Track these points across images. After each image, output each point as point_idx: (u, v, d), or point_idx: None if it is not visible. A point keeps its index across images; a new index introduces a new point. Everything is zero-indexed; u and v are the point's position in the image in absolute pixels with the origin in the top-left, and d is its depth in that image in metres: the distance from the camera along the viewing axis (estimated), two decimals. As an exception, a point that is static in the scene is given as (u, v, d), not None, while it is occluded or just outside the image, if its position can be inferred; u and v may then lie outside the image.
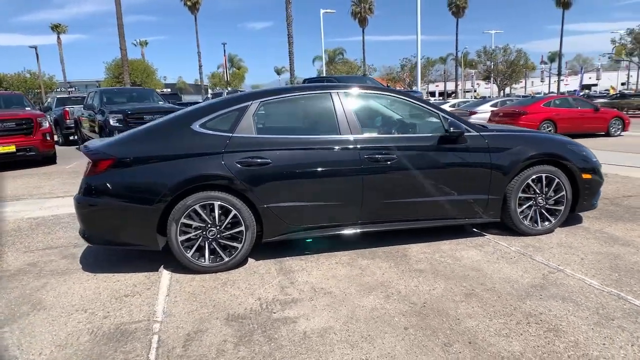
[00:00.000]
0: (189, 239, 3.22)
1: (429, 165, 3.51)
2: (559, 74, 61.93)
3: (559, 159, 3.72)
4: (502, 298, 2.69)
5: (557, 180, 3.72)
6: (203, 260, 3.26)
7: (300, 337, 2.35)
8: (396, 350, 2.19)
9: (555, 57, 72.96)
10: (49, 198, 6.27)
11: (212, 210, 3.21)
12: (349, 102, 3.52)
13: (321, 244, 3.73)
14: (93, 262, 3.64)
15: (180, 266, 3.34)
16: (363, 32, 60.00)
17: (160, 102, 11.42)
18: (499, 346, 2.18)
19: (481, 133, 3.64)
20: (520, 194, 3.68)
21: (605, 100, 25.94)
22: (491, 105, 16.33)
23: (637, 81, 50.83)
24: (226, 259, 3.28)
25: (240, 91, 20.34)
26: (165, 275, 3.30)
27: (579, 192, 3.80)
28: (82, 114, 11.83)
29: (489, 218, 3.71)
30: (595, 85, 62.62)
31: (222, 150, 3.24)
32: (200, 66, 53.01)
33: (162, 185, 3.13)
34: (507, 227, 3.85)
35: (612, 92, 47.56)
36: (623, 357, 2.06)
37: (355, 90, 3.64)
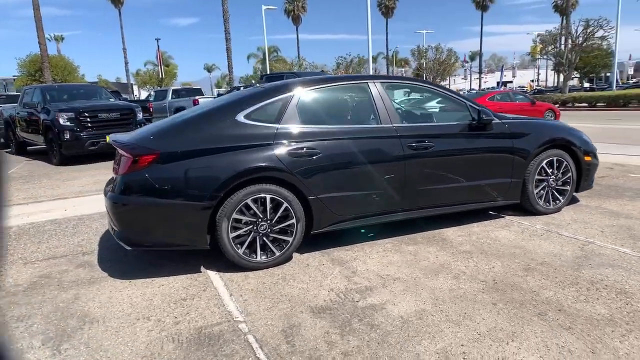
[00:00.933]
0: (239, 235, 3.07)
1: (462, 151, 3.67)
2: (480, 72, 66.99)
3: (567, 144, 4.07)
4: (559, 270, 2.91)
5: (565, 162, 4.08)
6: (255, 257, 3.12)
7: (401, 321, 2.36)
8: (499, 324, 2.28)
9: (475, 56, 78.78)
10: (10, 206, 5.58)
11: (263, 203, 3.09)
12: (385, 91, 3.57)
13: (355, 234, 3.74)
14: (118, 269, 3.33)
15: (224, 265, 3.19)
16: (297, 30, 60.21)
17: (111, 100, 10.58)
18: (587, 311, 2.37)
19: (502, 120, 3.87)
20: (536, 177, 3.98)
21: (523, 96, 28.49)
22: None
23: (546, 78, 56.55)
24: (277, 254, 3.17)
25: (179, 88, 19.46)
26: (212, 275, 3.12)
27: (582, 173, 4.19)
28: (18, 113, 10.61)
29: (509, 200, 3.96)
30: (511, 82, 68.51)
31: (272, 141, 3.13)
32: (126, 63, 49.88)
33: (214, 180, 2.95)
34: (518, 208, 4.14)
35: (529, 88, 52.22)
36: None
37: (389, 80, 3.70)
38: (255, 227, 3.10)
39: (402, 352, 2.09)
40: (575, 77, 42.97)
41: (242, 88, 18.04)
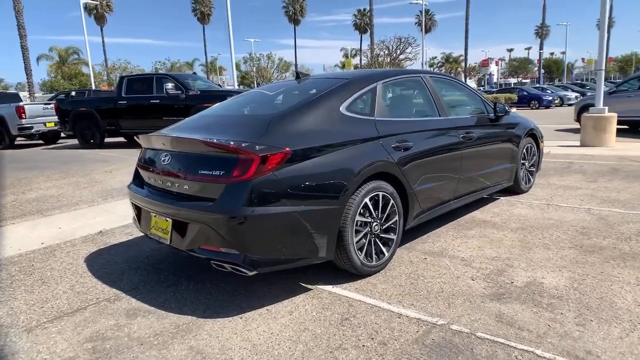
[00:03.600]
0: (358, 240, 2.77)
1: (490, 140, 4.08)
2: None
3: (535, 133, 4.93)
4: (608, 228, 3.55)
5: (534, 148, 4.93)
6: (370, 261, 2.86)
7: (571, 289, 2.56)
8: (626, 272, 2.71)
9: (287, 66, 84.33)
10: None
11: (377, 202, 2.87)
12: (435, 85, 3.71)
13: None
14: (204, 307, 2.60)
15: (321, 277, 2.85)
16: (102, 30, 53.85)
17: None
18: (667, 255, 3.01)
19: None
20: (521, 161, 4.71)
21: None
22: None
23: None
24: (387, 255, 2.98)
25: None
26: (331, 289, 2.73)
27: (540, 156, 5.13)
28: None
29: (508, 183, 4.57)
30: None
31: (377, 134, 2.92)
32: None
33: (343, 179, 2.61)
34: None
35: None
36: None
37: (435, 75, 3.84)
38: (369, 229, 2.85)
39: (602, 303, 2.29)
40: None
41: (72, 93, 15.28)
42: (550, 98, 25.64)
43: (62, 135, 15.29)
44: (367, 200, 2.77)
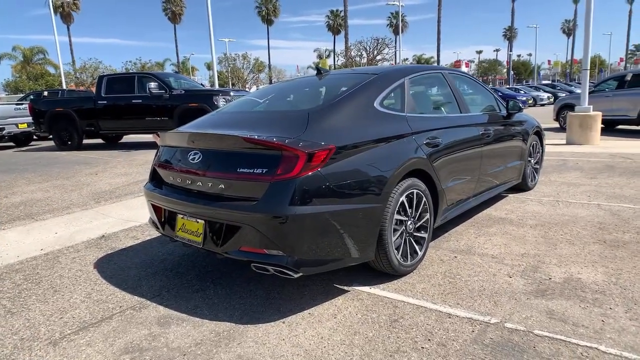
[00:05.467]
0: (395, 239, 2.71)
1: (504, 138, 4.09)
2: (270, 82, 71.75)
3: (540, 130, 5.00)
4: (625, 223, 3.61)
5: (539, 145, 5.00)
6: (405, 260, 2.80)
7: (620, 290, 2.57)
8: (666, 269, 2.75)
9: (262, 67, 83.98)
10: None
11: (411, 200, 2.81)
12: (455, 81, 3.68)
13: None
14: (242, 313, 2.47)
15: (357, 276, 2.79)
16: (69, 29, 52.00)
17: None
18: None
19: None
20: (528, 159, 4.76)
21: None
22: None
23: None
24: (420, 254, 2.92)
25: None
26: (369, 290, 2.65)
27: (543, 153, 5.21)
28: None
29: (516, 181, 4.61)
30: None
31: (409, 130, 2.86)
32: None
33: (383, 176, 2.54)
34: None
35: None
36: None
37: (453, 71, 3.82)
38: (405, 228, 2.79)
39: (657, 307, 2.31)
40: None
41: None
42: (524, 98, 26.39)
43: (35, 137, 14.63)
44: (403, 198, 2.70)
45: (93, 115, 11.22)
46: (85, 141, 12.01)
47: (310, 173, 2.23)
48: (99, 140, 12.91)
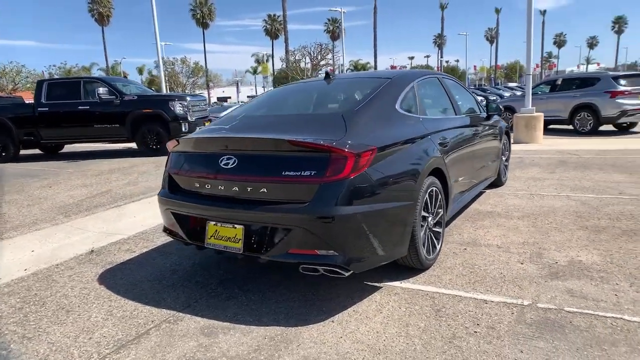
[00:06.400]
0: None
1: (487, 137, 4.42)
2: (208, 87, 69.99)
3: (508, 130, 5.44)
4: (596, 211, 4.05)
5: (507, 144, 5.44)
6: (428, 254, 2.95)
7: (618, 268, 2.90)
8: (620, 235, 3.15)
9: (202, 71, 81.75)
10: None
11: (431, 197, 2.97)
12: (448, 85, 3.93)
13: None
14: (275, 317, 2.47)
15: (381, 272, 2.89)
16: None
17: None
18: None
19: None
20: (501, 156, 5.17)
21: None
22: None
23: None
24: (438, 248, 3.10)
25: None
26: (400, 284, 2.77)
27: (510, 150, 5.67)
28: None
29: (494, 177, 4.97)
30: (230, 97, 72.92)
31: (426, 132, 3.03)
32: None
33: (415, 175, 2.68)
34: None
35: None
36: None
37: (445, 76, 4.06)
38: (427, 224, 2.94)
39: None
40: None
41: None
42: (459, 102, 28.10)
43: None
44: (426, 195, 2.86)
45: (32, 124, 10.34)
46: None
47: (358, 173, 2.30)
48: (36, 151, 11.88)
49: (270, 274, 3.05)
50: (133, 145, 11.10)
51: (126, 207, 5.38)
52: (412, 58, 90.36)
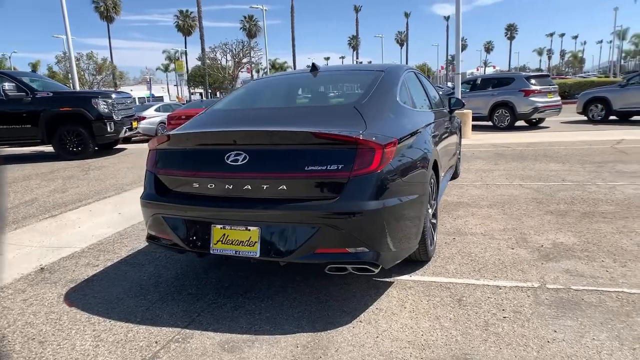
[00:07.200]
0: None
1: (452, 131, 4.59)
2: (115, 85, 65.01)
3: (461, 125, 5.73)
4: (551, 197, 4.41)
5: (460, 138, 5.73)
6: (431, 246, 2.97)
7: (596, 247, 3.16)
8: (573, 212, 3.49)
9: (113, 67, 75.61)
10: None
11: (431, 188, 2.99)
12: (422, 79, 4.00)
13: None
14: (298, 323, 2.31)
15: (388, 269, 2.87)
16: None
17: None
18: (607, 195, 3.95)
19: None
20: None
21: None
22: (155, 110, 16.15)
23: (180, 92, 60.89)
24: (435, 239, 3.14)
25: None
26: (409, 278, 2.75)
27: (461, 144, 5.99)
28: None
29: (453, 169, 5.20)
30: (163, 97, 69.14)
31: (423, 124, 3.04)
32: None
33: (426, 167, 2.68)
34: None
35: (179, 101, 55.82)
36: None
37: (417, 71, 4.12)
38: (429, 215, 2.96)
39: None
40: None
41: None
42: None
43: None
44: (430, 187, 2.87)
45: None
46: None
47: (385, 166, 2.22)
48: None
49: (268, 278, 2.85)
50: (45, 148, 9.90)
51: (64, 217, 4.73)
52: (327, 59, 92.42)
